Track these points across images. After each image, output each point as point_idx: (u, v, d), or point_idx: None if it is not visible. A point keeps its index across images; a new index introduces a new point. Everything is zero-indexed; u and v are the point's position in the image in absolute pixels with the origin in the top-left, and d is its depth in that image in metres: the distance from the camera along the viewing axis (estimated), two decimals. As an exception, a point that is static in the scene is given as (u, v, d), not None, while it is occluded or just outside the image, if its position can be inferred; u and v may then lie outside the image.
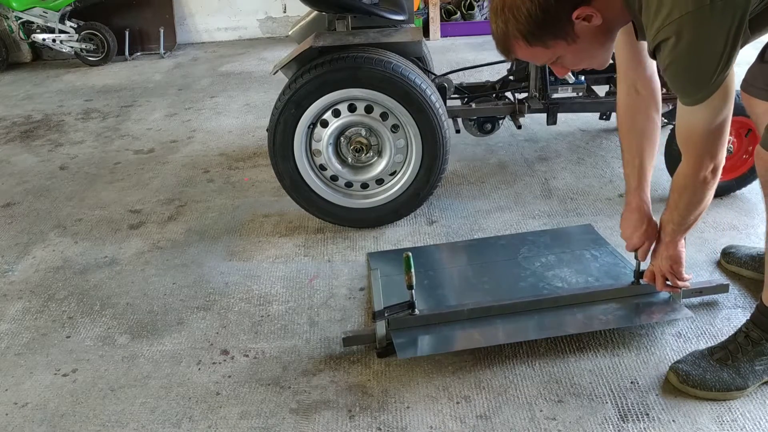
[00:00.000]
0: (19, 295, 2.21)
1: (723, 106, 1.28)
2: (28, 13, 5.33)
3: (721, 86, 1.24)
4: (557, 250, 2.16)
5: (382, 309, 1.74)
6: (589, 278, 1.98)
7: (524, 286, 1.98)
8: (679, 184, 1.45)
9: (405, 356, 1.69)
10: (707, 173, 1.38)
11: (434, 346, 1.75)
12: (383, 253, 2.27)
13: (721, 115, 1.29)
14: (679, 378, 1.58)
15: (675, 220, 1.54)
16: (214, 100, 4.30)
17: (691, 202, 1.46)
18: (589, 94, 2.70)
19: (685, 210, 1.49)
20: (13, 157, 3.52)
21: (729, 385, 1.54)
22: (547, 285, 1.96)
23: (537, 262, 2.09)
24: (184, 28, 6.14)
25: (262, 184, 2.93)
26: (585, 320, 1.77)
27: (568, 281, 1.97)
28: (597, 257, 2.09)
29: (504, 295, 1.91)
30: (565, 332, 1.74)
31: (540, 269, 2.05)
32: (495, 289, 1.98)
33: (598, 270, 2.02)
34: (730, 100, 1.28)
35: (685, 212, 1.49)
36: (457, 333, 1.77)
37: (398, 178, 2.37)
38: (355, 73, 2.17)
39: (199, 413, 1.63)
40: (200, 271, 2.26)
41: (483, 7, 5.71)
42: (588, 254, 2.11)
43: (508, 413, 1.56)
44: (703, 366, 1.57)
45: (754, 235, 2.23)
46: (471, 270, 2.11)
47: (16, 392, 1.75)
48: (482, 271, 2.09)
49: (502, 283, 2.01)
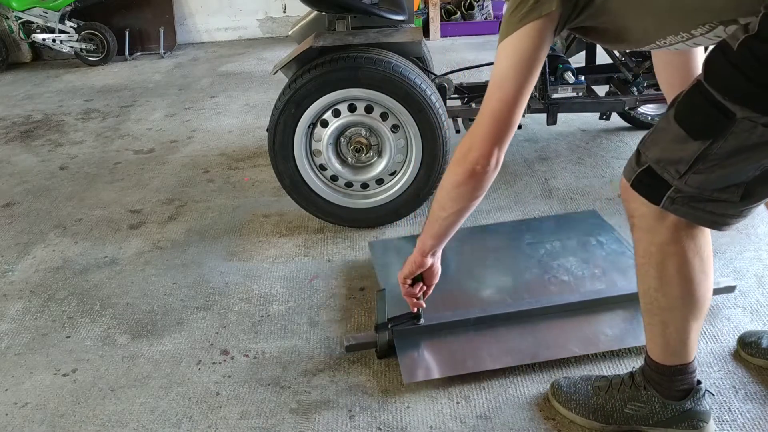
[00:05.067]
0: (19, 295, 2.21)
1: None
2: (28, 13, 5.33)
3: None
4: (562, 235, 2.13)
5: (386, 321, 1.73)
6: (596, 270, 1.96)
7: (529, 279, 1.96)
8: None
9: (411, 380, 1.64)
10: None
11: (441, 367, 1.70)
12: (385, 242, 2.27)
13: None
14: (552, 390, 1.56)
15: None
16: (214, 100, 4.31)
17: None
18: (589, 94, 2.70)
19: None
20: (13, 157, 3.52)
21: (590, 413, 1.47)
22: (552, 277, 1.95)
23: (542, 249, 2.07)
24: (184, 28, 6.14)
25: (262, 184, 2.93)
26: (591, 336, 1.74)
27: (574, 274, 1.96)
28: (603, 244, 2.08)
29: (509, 292, 1.90)
30: (572, 353, 1.70)
31: (545, 258, 2.03)
32: (500, 282, 1.95)
33: (604, 260, 2.00)
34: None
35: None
36: (463, 347, 1.73)
37: (398, 178, 2.37)
38: (355, 73, 2.17)
39: (199, 413, 1.63)
40: (200, 271, 2.26)
41: (483, 7, 5.72)
42: (593, 240, 2.10)
43: (508, 413, 1.56)
44: (579, 387, 1.52)
45: (754, 235, 2.23)
46: (475, 259, 2.08)
47: (16, 392, 1.75)
48: (487, 260, 2.06)
49: (507, 274, 1.99)
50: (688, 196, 1.18)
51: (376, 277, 2.04)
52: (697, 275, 1.28)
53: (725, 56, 1.07)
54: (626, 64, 2.74)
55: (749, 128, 1.07)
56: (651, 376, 1.42)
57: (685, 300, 1.30)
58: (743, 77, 1.05)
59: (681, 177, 1.17)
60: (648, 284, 1.32)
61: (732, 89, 1.07)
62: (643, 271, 1.32)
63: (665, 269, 1.27)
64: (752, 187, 1.16)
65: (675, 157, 1.16)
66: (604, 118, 2.81)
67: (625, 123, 3.22)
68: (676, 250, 1.25)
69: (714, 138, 1.11)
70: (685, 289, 1.29)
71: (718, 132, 1.10)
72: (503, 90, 1.27)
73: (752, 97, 1.05)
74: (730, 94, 1.07)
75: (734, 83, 1.06)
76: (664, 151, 1.18)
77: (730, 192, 1.16)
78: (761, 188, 1.17)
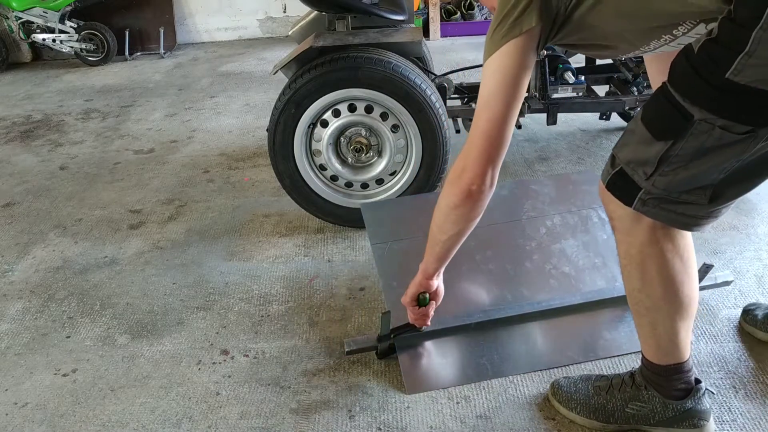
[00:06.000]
0: (19, 295, 2.21)
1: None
2: (28, 13, 5.33)
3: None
4: (562, 208, 2.11)
5: (388, 332, 1.72)
6: (596, 261, 1.96)
7: (530, 268, 1.95)
8: None
9: (414, 392, 1.64)
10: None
11: (443, 377, 1.69)
12: (378, 204, 2.26)
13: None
14: (552, 390, 1.56)
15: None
16: (214, 100, 4.31)
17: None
18: (589, 94, 2.70)
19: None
20: (13, 157, 3.52)
21: (590, 413, 1.47)
22: (553, 269, 1.94)
23: (542, 227, 2.05)
24: (184, 28, 6.14)
25: (262, 184, 2.93)
26: (590, 341, 1.74)
27: (575, 264, 1.95)
28: (605, 221, 2.05)
29: (509, 288, 1.89)
30: (572, 360, 1.70)
31: (546, 239, 2.01)
32: (500, 277, 1.94)
33: (605, 244, 1.99)
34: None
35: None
36: (464, 355, 1.74)
37: (398, 178, 2.37)
38: (355, 73, 2.17)
39: (199, 413, 1.63)
40: (200, 271, 2.26)
41: (483, 7, 5.72)
42: (595, 216, 2.08)
43: (508, 413, 1.56)
44: (579, 387, 1.52)
45: (754, 235, 2.23)
46: (473, 239, 2.07)
47: (16, 392, 1.75)
48: (485, 239, 2.01)
49: (506, 261, 1.97)
50: (657, 197, 1.20)
51: (368, 236, 2.04)
52: (678, 275, 1.28)
53: (687, 59, 1.09)
54: (626, 64, 2.74)
55: (707, 130, 1.09)
56: (649, 377, 1.42)
57: (669, 300, 1.30)
58: (701, 79, 1.07)
59: (648, 178, 1.18)
60: (632, 285, 1.33)
61: (690, 91, 1.09)
62: (626, 273, 1.33)
63: (646, 270, 1.28)
64: (720, 189, 1.17)
65: (642, 158, 1.18)
66: (604, 118, 2.81)
67: (625, 123, 3.21)
68: (655, 251, 1.26)
69: (674, 139, 1.13)
70: (668, 290, 1.29)
71: (678, 133, 1.12)
72: (491, 109, 1.29)
73: (708, 99, 1.07)
74: (688, 96, 1.09)
75: (693, 85, 1.09)
76: (633, 152, 1.20)
77: (697, 194, 1.18)
78: (730, 190, 1.18)
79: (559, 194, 2.18)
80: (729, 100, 1.06)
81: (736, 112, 1.06)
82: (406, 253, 1.97)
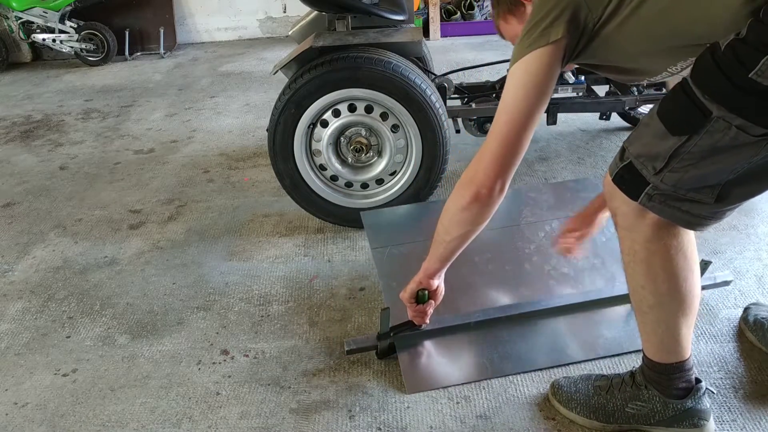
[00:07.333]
0: (19, 295, 2.21)
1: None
2: (28, 13, 5.33)
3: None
4: (560, 213, 2.11)
5: (388, 330, 1.72)
6: (595, 261, 1.95)
7: (530, 269, 1.95)
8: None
9: (414, 392, 1.64)
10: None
11: (443, 377, 1.69)
12: (378, 212, 2.27)
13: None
14: (552, 390, 1.56)
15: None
16: (214, 100, 4.31)
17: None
18: (589, 94, 2.70)
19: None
20: (13, 157, 3.52)
21: (590, 413, 1.47)
22: (552, 270, 1.94)
23: (541, 231, 2.05)
24: (184, 28, 6.14)
25: (262, 184, 2.93)
26: (590, 339, 1.74)
27: (575, 265, 1.95)
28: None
29: (510, 286, 1.90)
30: (572, 359, 1.70)
31: (545, 242, 2.02)
32: (500, 276, 1.94)
33: (604, 246, 1.98)
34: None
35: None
36: (464, 353, 1.74)
37: (398, 178, 2.37)
38: (355, 73, 2.17)
39: (199, 413, 1.63)
40: (200, 271, 2.26)
41: (483, 7, 5.72)
42: None
43: (508, 413, 1.56)
44: (579, 386, 1.52)
45: (754, 235, 2.23)
46: (473, 242, 2.08)
47: (16, 392, 1.75)
48: (485, 243, 2.00)
49: (505, 262, 1.97)
50: (664, 194, 1.20)
51: (368, 240, 2.07)
52: (682, 272, 1.29)
53: (712, 56, 1.09)
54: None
55: (723, 128, 1.09)
56: (650, 376, 1.42)
57: (673, 297, 1.31)
58: (724, 77, 1.06)
59: (657, 174, 1.18)
60: (636, 282, 1.33)
61: (711, 87, 1.09)
62: (630, 270, 1.33)
63: (650, 267, 1.28)
64: (727, 189, 1.17)
65: (653, 152, 1.18)
66: (604, 118, 2.80)
67: (625, 123, 3.22)
68: (659, 248, 1.26)
69: (689, 135, 1.12)
70: (672, 286, 1.30)
71: (694, 129, 1.12)
72: (511, 113, 1.29)
73: (729, 97, 1.07)
74: (709, 92, 1.09)
75: (714, 82, 1.08)
76: (645, 146, 1.20)
77: (704, 193, 1.18)
78: (736, 191, 1.18)
79: (557, 201, 2.19)
80: (749, 100, 1.05)
81: (755, 113, 1.06)
82: (405, 257, 1.98)
